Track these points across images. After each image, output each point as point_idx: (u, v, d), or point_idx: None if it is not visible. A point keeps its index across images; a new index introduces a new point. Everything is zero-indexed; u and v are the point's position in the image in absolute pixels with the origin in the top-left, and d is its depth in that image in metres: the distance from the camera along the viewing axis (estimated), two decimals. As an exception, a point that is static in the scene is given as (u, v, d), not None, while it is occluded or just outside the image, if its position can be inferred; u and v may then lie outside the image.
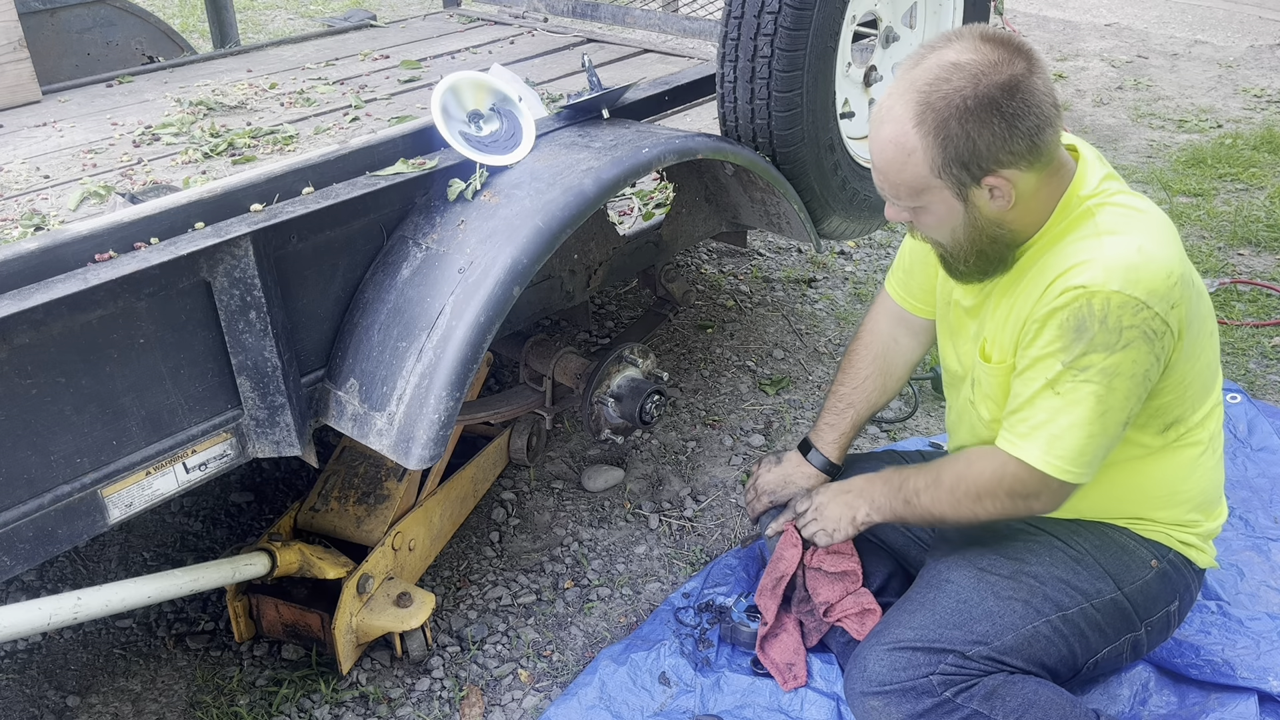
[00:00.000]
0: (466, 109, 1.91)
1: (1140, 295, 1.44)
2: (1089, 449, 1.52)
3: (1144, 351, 1.47)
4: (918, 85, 1.44)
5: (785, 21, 2.04)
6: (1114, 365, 1.46)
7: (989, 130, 1.42)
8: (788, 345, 3.16)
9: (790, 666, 1.97)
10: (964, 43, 1.45)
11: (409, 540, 2.13)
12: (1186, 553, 1.75)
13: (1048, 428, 1.52)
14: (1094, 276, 1.45)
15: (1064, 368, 1.49)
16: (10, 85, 2.39)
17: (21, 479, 1.43)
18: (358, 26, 3.19)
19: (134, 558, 2.36)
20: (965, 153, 1.44)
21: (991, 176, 1.46)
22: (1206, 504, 1.75)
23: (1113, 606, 1.71)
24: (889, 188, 1.55)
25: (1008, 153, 1.44)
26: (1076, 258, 1.49)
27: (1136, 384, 1.49)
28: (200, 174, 1.89)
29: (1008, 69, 1.41)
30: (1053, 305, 1.49)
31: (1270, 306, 3.35)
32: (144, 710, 2.00)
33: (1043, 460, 1.54)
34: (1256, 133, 4.90)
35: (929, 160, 1.46)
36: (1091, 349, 1.46)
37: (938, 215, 1.54)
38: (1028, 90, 1.42)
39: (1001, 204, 1.50)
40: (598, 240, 2.34)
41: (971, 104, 1.41)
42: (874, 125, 1.51)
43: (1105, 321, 1.45)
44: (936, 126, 1.43)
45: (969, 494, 1.64)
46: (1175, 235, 1.54)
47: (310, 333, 1.74)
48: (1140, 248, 1.46)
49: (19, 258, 1.39)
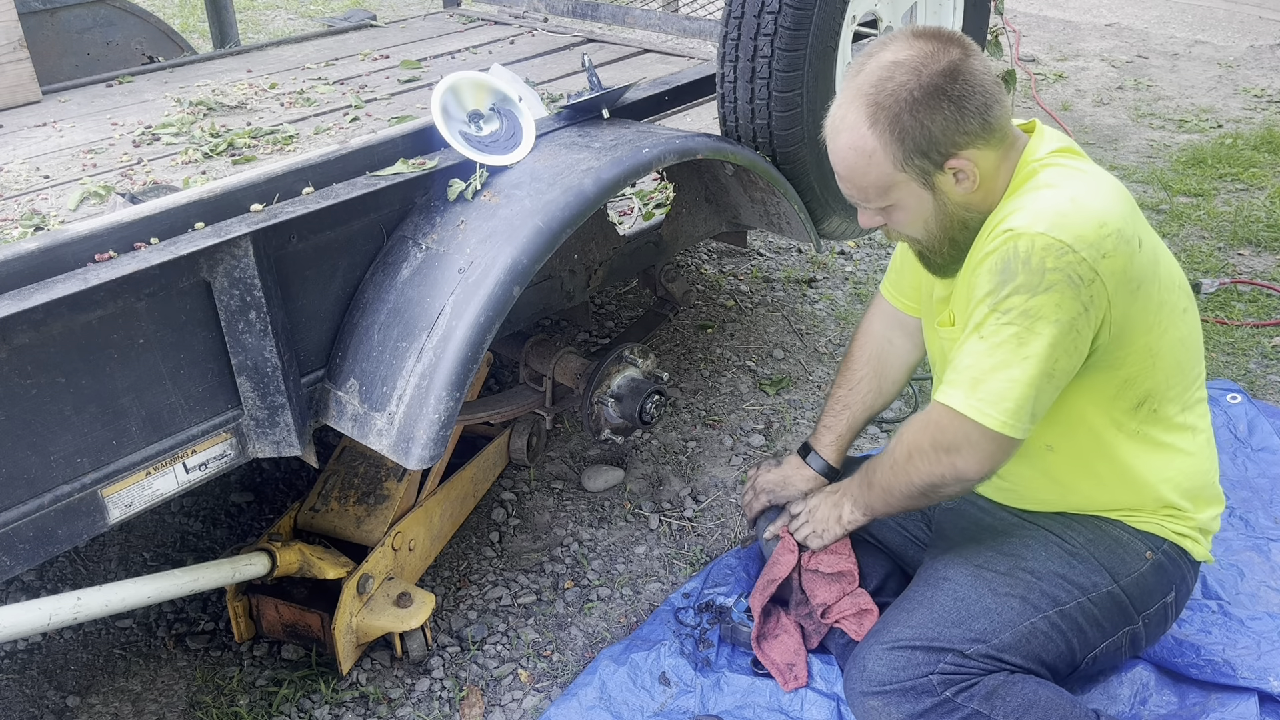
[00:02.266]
0: (466, 109, 1.91)
1: (1066, 239, 1.44)
2: (1010, 394, 1.49)
3: (1068, 296, 1.45)
4: (863, 89, 1.50)
5: (785, 21, 2.04)
6: (1035, 307, 1.46)
7: (940, 115, 1.47)
8: (788, 345, 3.16)
9: (791, 667, 1.97)
10: (898, 43, 1.51)
11: (409, 540, 2.13)
12: (1181, 543, 1.75)
13: (970, 371, 1.52)
14: (1022, 221, 1.48)
15: (989, 310, 1.50)
16: (10, 85, 2.39)
17: (21, 479, 1.43)
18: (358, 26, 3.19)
19: (134, 558, 2.36)
20: (923, 141, 1.49)
21: (953, 159, 1.51)
22: (1194, 492, 1.74)
23: (1109, 600, 1.72)
24: (857, 192, 1.59)
25: (962, 133, 1.49)
26: (1014, 205, 1.53)
27: (1063, 332, 1.47)
28: (200, 174, 1.89)
29: (944, 56, 1.47)
30: (986, 250, 1.52)
31: (1270, 306, 3.35)
32: (144, 710, 2.00)
33: (964, 403, 1.51)
34: (1256, 133, 4.90)
35: (890, 156, 1.50)
36: (1015, 291, 1.47)
37: (909, 209, 1.58)
38: (968, 72, 1.48)
39: (967, 185, 1.54)
40: (598, 240, 2.34)
41: (919, 94, 1.46)
42: (830, 136, 1.56)
43: (1029, 263, 1.45)
44: (890, 123, 1.48)
45: (902, 455, 1.65)
46: (1124, 197, 1.55)
47: (310, 333, 1.74)
48: (1074, 197, 1.48)
49: (19, 258, 1.39)
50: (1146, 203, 4.16)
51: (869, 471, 1.79)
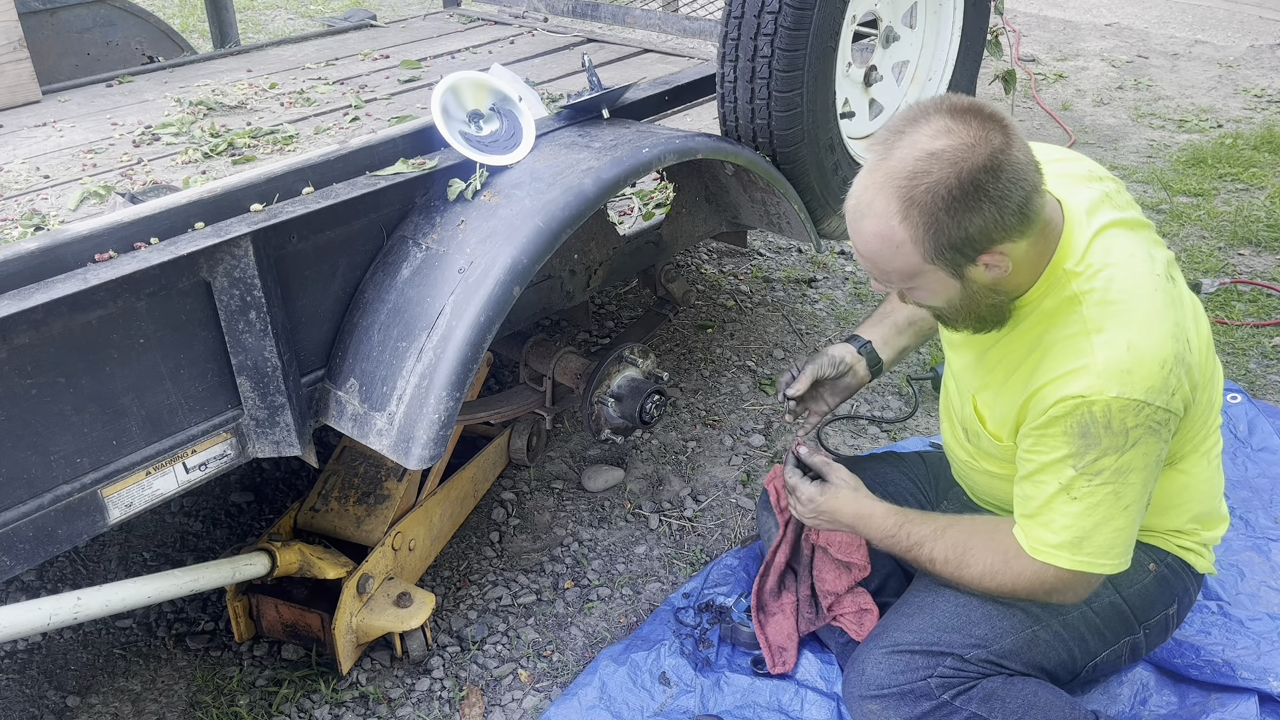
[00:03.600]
0: (466, 109, 1.91)
1: (1139, 396, 1.43)
2: (1118, 541, 1.53)
3: (1152, 444, 1.47)
4: (896, 179, 1.38)
5: (785, 21, 2.04)
6: (1125, 463, 1.47)
7: (980, 216, 1.37)
8: (788, 345, 3.16)
9: (782, 650, 1.98)
10: (935, 123, 1.38)
11: (409, 540, 2.13)
12: (1185, 557, 1.75)
13: (1071, 531, 1.52)
14: (1090, 385, 1.44)
15: (1077, 473, 1.48)
16: (10, 85, 2.39)
17: (21, 479, 1.43)
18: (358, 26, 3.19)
19: (134, 558, 2.36)
20: (959, 240, 1.39)
21: (987, 255, 1.43)
22: (1203, 516, 1.75)
23: (1111, 610, 1.72)
24: (878, 274, 1.50)
25: (1000, 230, 1.40)
26: (1068, 362, 1.47)
27: (1150, 471, 1.51)
28: (200, 174, 1.89)
29: (985, 148, 1.35)
30: (1053, 415, 1.48)
31: (1270, 306, 3.35)
32: (144, 710, 1.99)
33: (1074, 561, 1.54)
34: (1257, 133, 4.90)
35: (920, 250, 1.41)
36: (1102, 454, 1.46)
37: (932, 290, 1.51)
38: (1010, 165, 1.36)
39: (998, 274, 1.46)
40: (598, 240, 2.34)
41: (958, 194, 1.35)
42: (853, 217, 1.45)
43: (1110, 426, 1.44)
44: (926, 221, 1.38)
45: (1004, 587, 1.64)
46: (1163, 301, 1.48)
47: (310, 333, 1.74)
48: (1130, 344, 1.44)
49: (19, 258, 1.39)
50: (1147, 203, 4.16)
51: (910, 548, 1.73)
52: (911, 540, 1.72)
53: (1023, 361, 1.56)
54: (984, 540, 1.66)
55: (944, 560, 1.68)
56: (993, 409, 1.66)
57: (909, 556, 1.74)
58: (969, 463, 1.83)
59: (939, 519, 1.74)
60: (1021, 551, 1.60)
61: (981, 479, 1.83)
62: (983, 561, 1.65)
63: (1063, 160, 1.66)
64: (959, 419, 1.80)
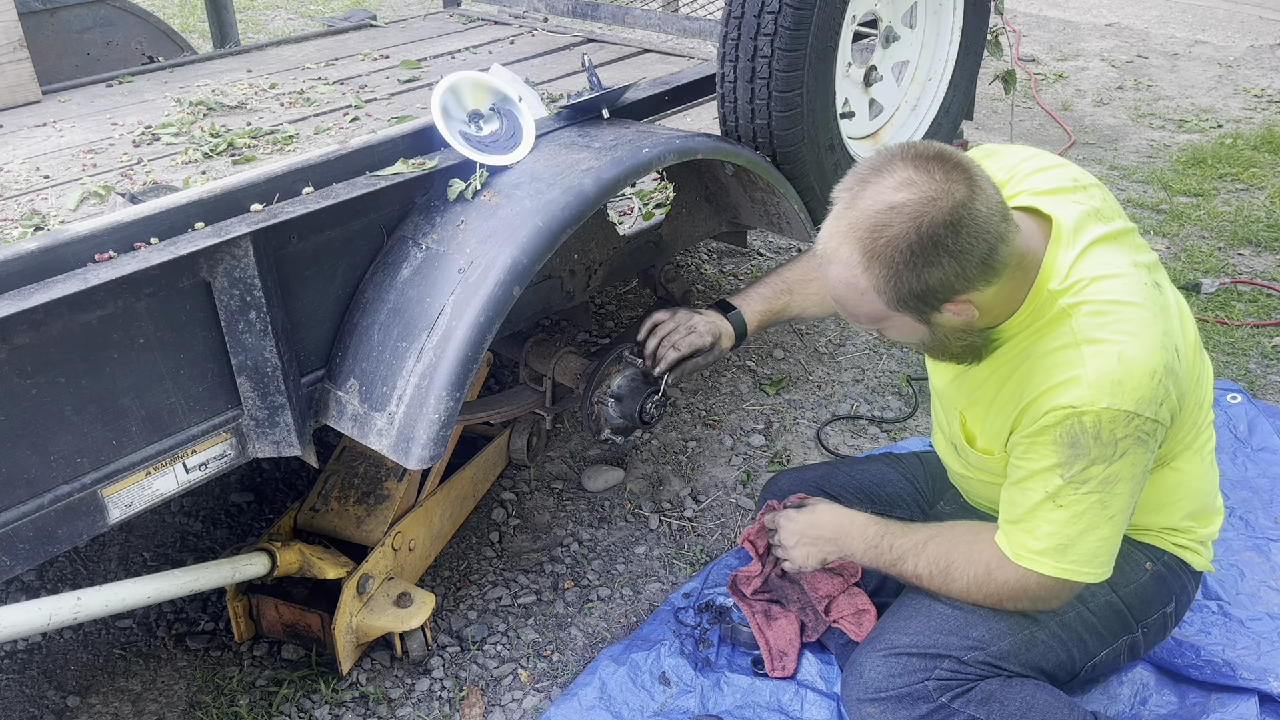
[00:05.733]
0: (466, 109, 1.91)
1: (1129, 407, 1.43)
2: (1101, 550, 1.54)
3: (1140, 454, 1.48)
4: (858, 230, 1.39)
5: (785, 21, 2.04)
6: (1113, 474, 1.47)
7: (939, 269, 1.38)
8: (788, 345, 3.16)
9: (783, 655, 1.98)
10: (898, 174, 1.37)
11: (409, 540, 2.13)
12: (1182, 555, 1.75)
13: (1055, 539, 1.53)
14: (1081, 395, 1.44)
15: (1064, 482, 1.49)
16: (10, 85, 2.39)
17: (21, 479, 1.43)
18: (358, 26, 3.19)
19: (134, 558, 2.36)
20: (920, 290, 1.40)
21: (951, 304, 1.44)
22: (1199, 512, 1.75)
23: (1109, 609, 1.71)
24: (847, 315, 1.53)
25: (963, 282, 1.40)
26: (1059, 373, 1.47)
27: (1136, 482, 1.51)
28: (200, 174, 1.89)
29: (947, 201, 1.34)
30: (1043, 424, 1.48)
31: (1270, 306, 3.35)
32: (144, 710, 1.99)
33: (1057, 569, 1.55)
34: (1257, 133, 4.90)
35: (884, 299, 1.42)
36: (1090, 464, 1.46)
37: (901, 333, 1.52)
38: (971, 219, 1.36)
39: (966, 318, 1.47)
40: (598, 240, 2.34)
41: (917, 248, 1.36)
42: (821, 261, 1.47)
43: (1099, 437, 1.44)
44: (886, 274, 1.39)
45: (991, 598, 1.65)
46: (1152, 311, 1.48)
47: (310, 333, 1.74)
48: (1121, 355, 1.44)
49: (19, 258, 1.39)
50: (1147, 203, 4.16)
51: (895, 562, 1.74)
52: (895, 553, 1.73)
53: (1010, 376, 1.56)
54: (965, 552, 1.67)
55: (929, 576, 1.70)
56: (983, 426, 1.67)
57: (894, 571, 1.75)
58: (962, 472, 1.84)
59: (919, 531, 1.74)
60: (1004, 560, 1.60)
61: (976, 485, 1.84)
62: (967, 575, 1.66)
63: (1046, 169, 1.63)
64: (947, 434, 1.80)
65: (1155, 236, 3.88)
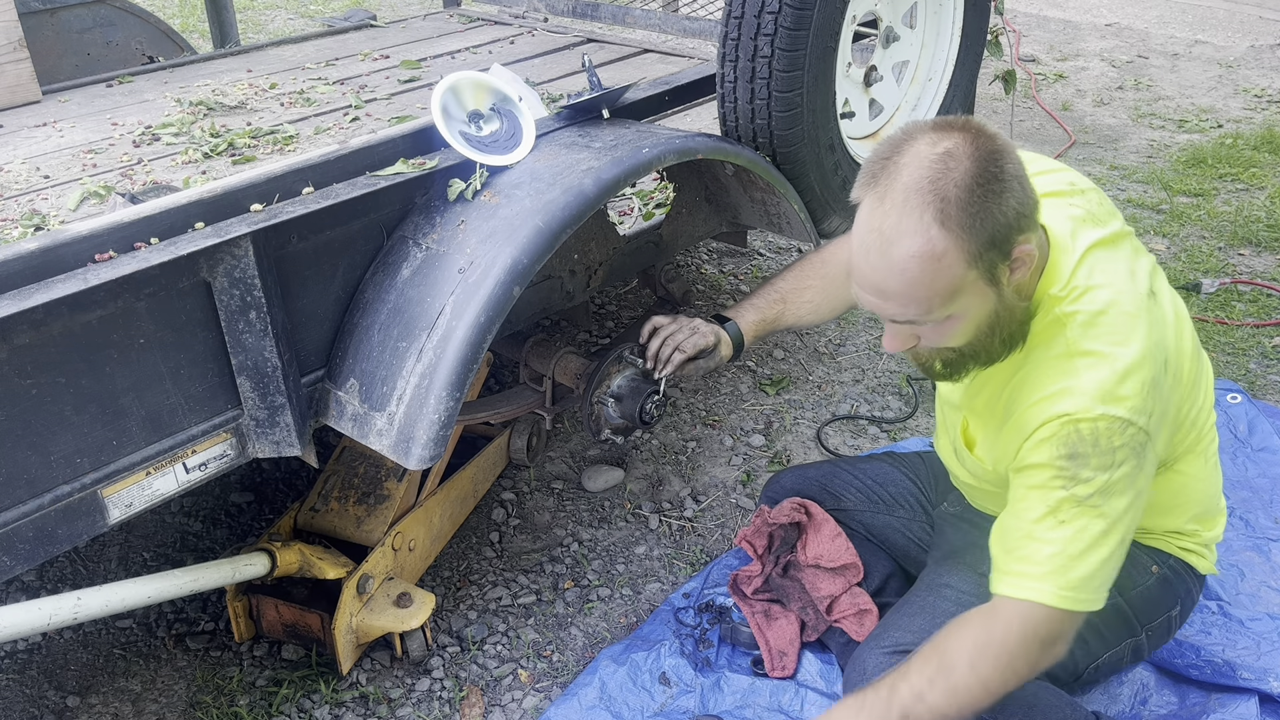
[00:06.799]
0: (466, 109, 1.91)
1: (1125, 414, 1.41)
2: (1099, 574, 1.45)
3: (1135, 465, 1.45)
4: (920, 191, 1.32)
5: (785, 21, 2.04)
6: (1112, 486, 1.44)
7: (1012, 195, 1.34)
8: (788, 345, 3.16)
9: (782, 655, 1.98)
10: (926, 136, 1.36)
11: (409, 540, 2.13)
12: (1187, 558, 1.74)
13: (1057, 559, 1.44)
14: (1076, 403, 1.42)
15: (1065, 494, 1.44)
16: (10, 85, 2.39)
17: (21, 479, 1.43)
18: (358, 26, 3.19)
19: (134, 558, 2.36)
20: (999, 230, 1.34)
21: (1018, 248, 1.39)
22: (1203, 515, 1.74)
23: (1113, 611, 1.70)
24: (915, 308, 1.40)
25: (1029, 209, 1.38)
26: (1053, 383, 1.45)
27: (1135, 497, 1.47)
28: (200, 174, 1.89)
29: (985, 140, 1.35)
30: (1039, 437, 1.45)
31: (1270, 306, 3.35)
32: (144, 710, 1.99)
33: (1058, 596, 1.43)
34: (1257, 133, 4.90)
35: (964, 253, 1.34)
36: (1092, 474, 1.43)
37: (967, 315, 1.44)
38: (1009, 149, 1.36)
39: (1023, 272, 1.43)
40: (598, 240, 2.34)
41: (987, 178, 1.32)
42: (881, 251, 1.36)
43: (1098, 444, 1.42)
44: (967, 217, 1.32)
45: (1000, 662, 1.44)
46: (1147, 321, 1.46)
47: (310, 333, 1.74)
48: (1114, 365, 1.42)
49: (19, 258, 1.39)
50: (1147, 203, 4.16)
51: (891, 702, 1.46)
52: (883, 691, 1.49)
53: (1007, 383, 1.55)
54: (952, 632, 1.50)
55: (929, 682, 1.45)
56: (982, 430, 1.65)
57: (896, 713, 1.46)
58: (965, 480, 1.83)
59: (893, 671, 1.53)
60: (999, 608, 1.46)
61: (979, 494, 1.83)
62: (965, 649, 1.46)
63: (1044, 173, 1.63)
64: (950, 437, 1.80)
65: (1155, 236, 3.88)
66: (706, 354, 1.99)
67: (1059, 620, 1.44)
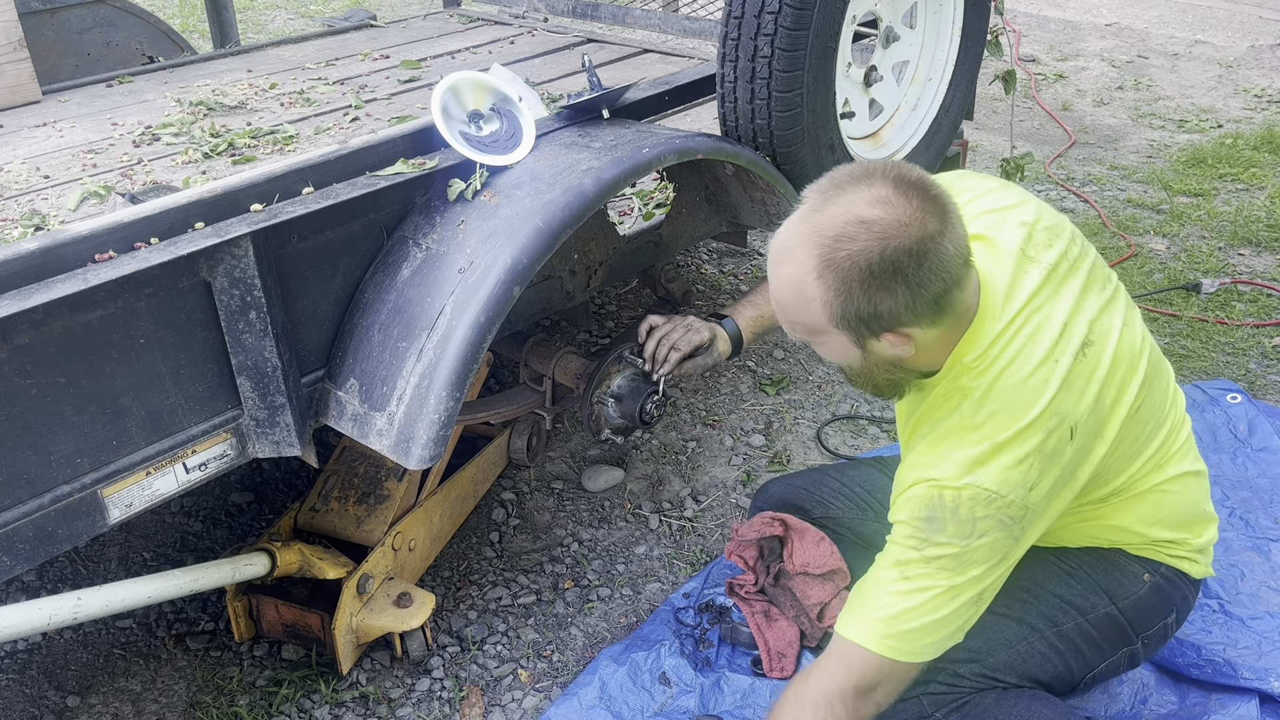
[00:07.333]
0: (466, 109, 1.91)
1: (992, 487, 1.41)
2: (930, 635, 1.47)
3: (1000, 537, 1.44)
4: (822, 235, 1.34)
5: (785, 21, 2.04)
6: (968, 556, 1.43)
7: (892, 297, 1.34)
8: (788, 345, 3.16)
9: (782, 655, 1.99)
10: (875, 190, 1.34)
11: (409, 540, 2.13)
12: (1179, 565, 1.72)
13: (890, 609, 1.46)
14: (944, 471, 1.43)
15: (916, 555, 1.45)
16: (10, 85, 2.39)
17: (21, 479, 1.43)
18: (358, 26, 3.19)
19: (134, 558, 2.36)
20: (865, 313, 1.37)
21: (891, 334, 1.40)
22: (1187, 524, 1.72)
23: (1108, 621, 1.69)
24: (784, 321, 1.48)
25: (910, 315, 1.37)
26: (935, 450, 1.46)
27: (994, 568, 1.46)
28: (200, 174, 1.89)
29: (918, 230, 1.31)
30: (907, 495, 1.46)
31: (1270, 306, 3.35)
32: (144, 710, 1.99)
33: (880, 641, 1.47)
34: (1257, 133, 4.90)
35: (827, 312, 1.38)
36: (947, 541, 1.43)
37: (833, 351, 1.49)
38: (937, 254, 1.33)
39: (901, 353, 1.44)
40: (598, 240, 2.34)
41: (876, 269, 1.32)
42: (773, 258, 1.42)
43: (957, 513, 1.42)
44: (837, 286, 1.35)
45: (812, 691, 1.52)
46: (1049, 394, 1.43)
47: (310, 333, 1.74)
48: (994, 441, 1.42)
49: (19, 258, 1.39)
50: (1147, 203, 4.16)
51: None
52: None
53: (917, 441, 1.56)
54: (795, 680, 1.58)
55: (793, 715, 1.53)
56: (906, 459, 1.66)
57: None
58: None
59: None
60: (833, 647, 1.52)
61: None
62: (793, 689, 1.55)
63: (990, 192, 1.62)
64: None
65: (1155, 236, 3.88)
66: (703, 350, 2.00)
67: (876, 667, 1.48)
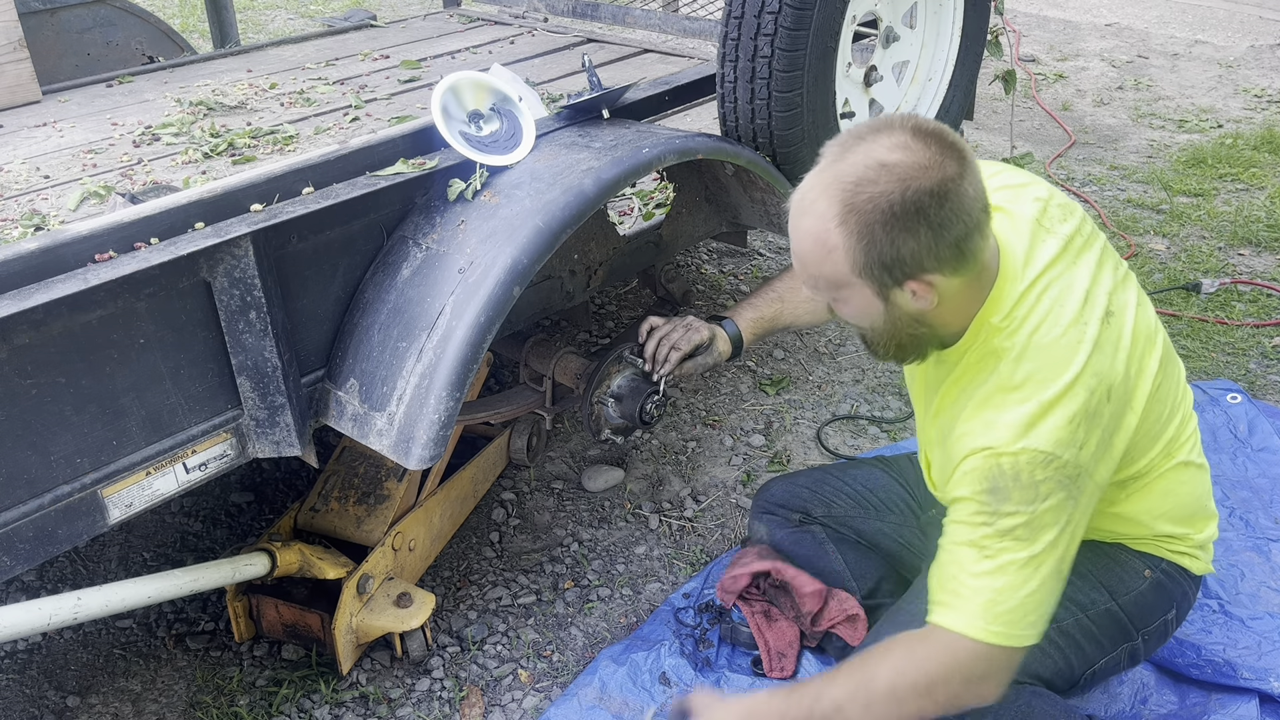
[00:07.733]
0: (466, 109, 1.91)
1: (1047, 448, 1.40)
2: (1032, 609, 1.44)
3: (1064, 498, 1.43)
4: (843, 182, 1.35)
5: (785, 21, 2.04)
6: (1038, 520, 1.42)
7: (914, 239, 1.34)
8: (788, 345, 3.16)
9: (782, 656, 1.99)
10: (894, 137, 1.35)
11: (409, 540, 2.13)
12: (1180, 561, 1.72)
13: (982, 595, 1.43)
14: (997, 437, 1.41)
15: (989, 530, 1.43)
16: (10, 85, 2.39)
17: (21, 479, 1.43)
18: (358, 26, 3.19)
19: (134, 558, 2.36)
20: (889, 258, 1.36)
21: (914, 281, 1.39)
22: (1190, 518, 1.72)
23: (1108, 617, 1.70)
24: (807, 277, 1.47)
25: (933, 259, 1.36)
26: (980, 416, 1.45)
27: (1065, 530, 1.45)
28: (200, 174, 1.89)
29: (938, 172, 1.32)
30: (964, 470, 1.45)
31: (1270, 306, 3.35)
32: (144, 710, 1.99)
33: (986, 631, 1.42)
34: (1257, 133, 4.90)
35: (850, 260, 1.37)
36: (1015, 508, 1.41)
37: (856, 307, 1.47)
38: (957, 196, 1.33)
39: (923, 304, 1.43)
40: (598, 240, 2.34)
41: (898, 210, 1.32)
42: (794, 214, 1.42)
43: (1019, 479, 1.40)
44: (860, 230, 1.34)
45: (918, 684, 1.44)
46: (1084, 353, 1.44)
47: (310, 333, 1.74)
48: (1040, 400, 1.41)
49: (19, 258, 1.39)
50: (1147, 203, 4.16)
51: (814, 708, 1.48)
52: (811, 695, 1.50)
53: (948, 409, 1.55)
54: (883, 649, 1.51)
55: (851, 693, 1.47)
56: (935, 460, 1.66)
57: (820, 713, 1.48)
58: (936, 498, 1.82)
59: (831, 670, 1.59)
60: (926, 635, 1.47)
61: None
62: (887, 663, 1.48)
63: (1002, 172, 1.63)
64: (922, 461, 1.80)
65: (1155, 236, 3.88)
66: (703, 350, 2.00)
67: (988, 657, 1.43)
